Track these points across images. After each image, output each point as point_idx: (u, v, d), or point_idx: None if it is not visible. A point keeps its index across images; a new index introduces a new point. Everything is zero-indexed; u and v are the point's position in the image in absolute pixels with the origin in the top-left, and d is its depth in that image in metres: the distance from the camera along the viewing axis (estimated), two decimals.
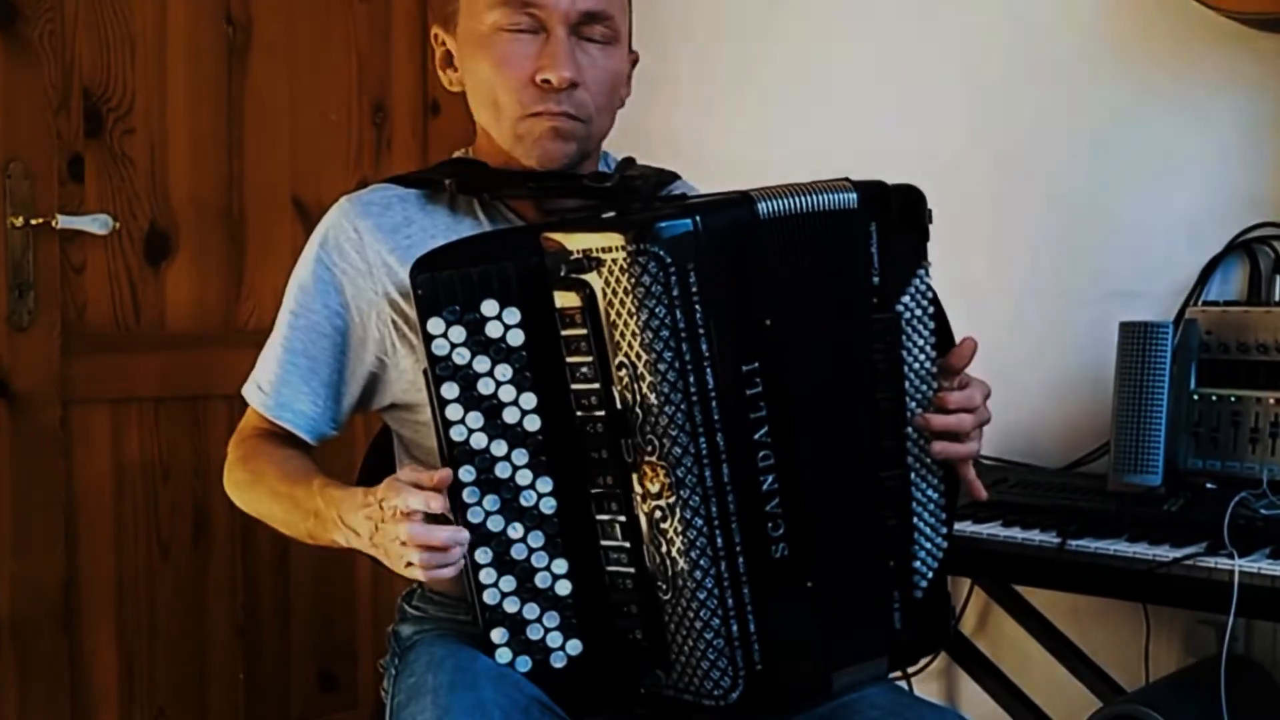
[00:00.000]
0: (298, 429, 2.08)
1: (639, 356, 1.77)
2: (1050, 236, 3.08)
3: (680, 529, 1.80)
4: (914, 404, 1.96)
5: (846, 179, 1.91)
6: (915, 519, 1.98)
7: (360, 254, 2.04)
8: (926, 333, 1.96)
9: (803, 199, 1.86)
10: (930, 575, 2.00)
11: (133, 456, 3.21)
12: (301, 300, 2.07)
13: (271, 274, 3.32)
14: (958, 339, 2.02)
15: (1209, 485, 2.57)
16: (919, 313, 1.95)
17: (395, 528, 1.79)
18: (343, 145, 3.56)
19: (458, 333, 1.83)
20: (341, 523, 1.89)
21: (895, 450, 1.96)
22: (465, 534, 1.81)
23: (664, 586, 1.83)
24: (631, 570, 1.85)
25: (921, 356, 1.96)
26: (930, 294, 1.96)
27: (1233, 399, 2.59)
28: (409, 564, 1.79)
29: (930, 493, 1.99)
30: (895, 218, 1.92)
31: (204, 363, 3.27)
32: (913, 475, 1.97)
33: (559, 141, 2.01)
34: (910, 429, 1.96)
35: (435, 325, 1.82)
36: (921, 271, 1.95)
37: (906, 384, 1.95)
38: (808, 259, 1.87)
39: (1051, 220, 3.08)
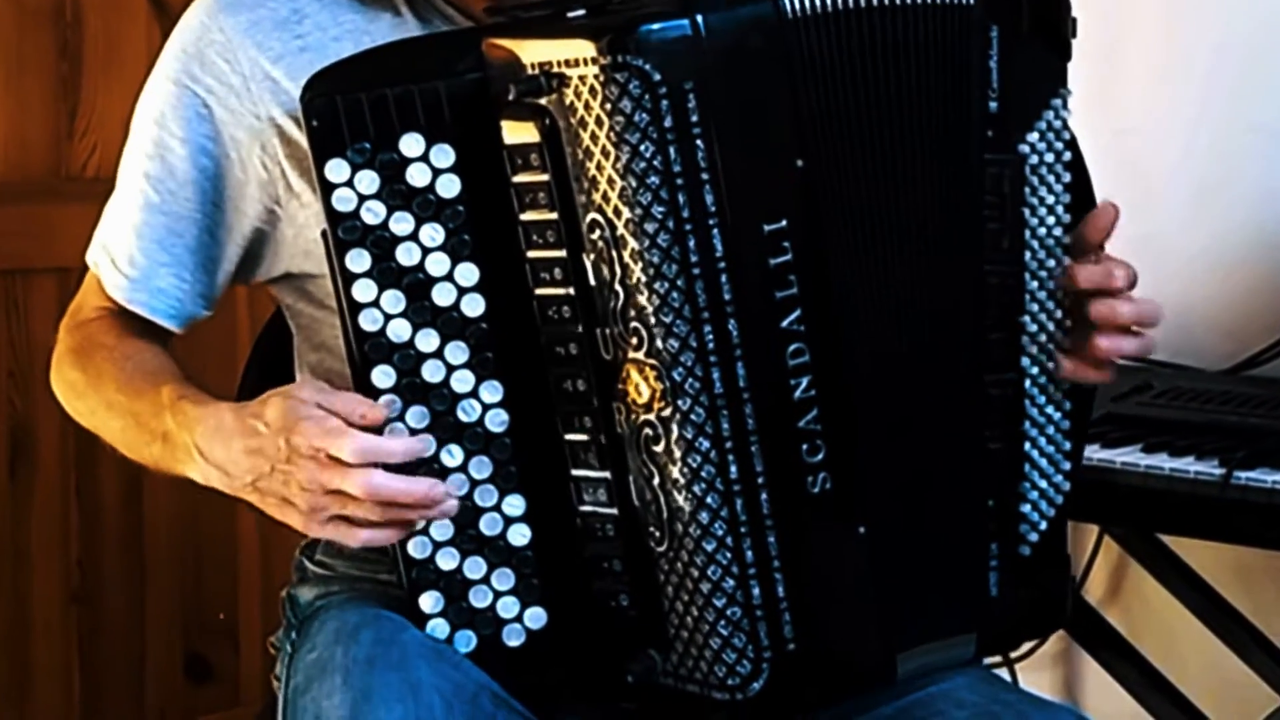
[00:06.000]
0: (158, 315, 2.11)
1: (618, 213, 1.77)
2: (1213, 43, 3.09)
3: (679, 454, 1.81)
4: (1035, 284, 1.98)
5: None
6: (1028, 445, 2.00)
7: (232, 64, 2.06)
8: (1059, 187, 1.98)
9: None
10: (1044, 525, 2.02)
11: None
12: (155, 136, 2.10)
13: (119, 99, 3.28)
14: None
15: None
16: (1050, 158, 1.98)
17: (319, 473, 1.79)
18: None
19: (368, 179, 1.84)
20: (199, 454, 1.90)
21: (1007, 346, 1.98)
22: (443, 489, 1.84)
23: (658, 534, 1.84)
24: (613, 511, 1.87)
25: (1051, 220, 1.98)
26: (1068, 134, 1.99)
27: None
28: (330, 519, 1.81)
29: (1051, 410, 2.00)
30: (1026, 24, 1.95)
31: (24, 223, 3.30)
32: (1028, 384, 1.99)
33: None
34: (1027, 319, 1.98)
35: (337, 170, 1.84)
36: (1058, 102, 1.98)
37: (1028, 255, 1.97)
38: (885, 74, 1.88)
39: (1213, 22, 3.09)
